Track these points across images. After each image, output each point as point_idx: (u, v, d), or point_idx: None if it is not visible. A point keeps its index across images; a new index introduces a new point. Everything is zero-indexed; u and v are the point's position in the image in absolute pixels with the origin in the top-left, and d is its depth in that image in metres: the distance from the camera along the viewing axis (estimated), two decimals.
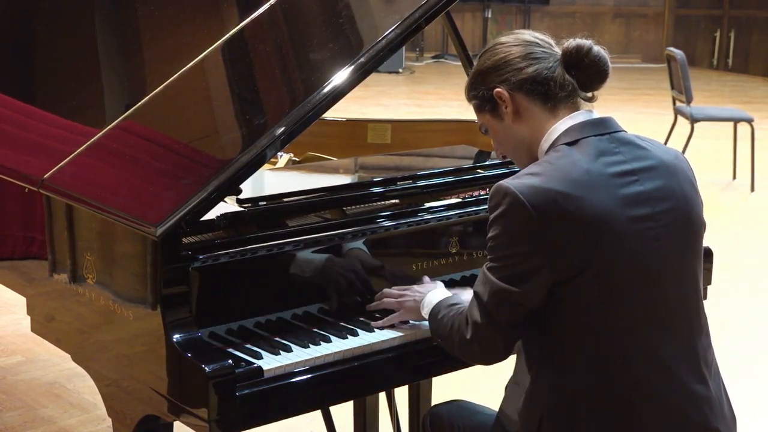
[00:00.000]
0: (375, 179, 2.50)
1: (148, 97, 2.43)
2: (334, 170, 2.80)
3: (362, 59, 2.20)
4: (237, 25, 2.52)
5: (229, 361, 1.95)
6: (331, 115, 2.81)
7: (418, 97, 11.61)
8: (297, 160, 2.92)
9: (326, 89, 2.15)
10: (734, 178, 7.81)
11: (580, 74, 1.97)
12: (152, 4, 2.83)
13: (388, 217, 2.36)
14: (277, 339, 2.13)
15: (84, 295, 2.23)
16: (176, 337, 1.99)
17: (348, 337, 2.17)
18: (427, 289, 2.21)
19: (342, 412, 2.86)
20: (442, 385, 2.94)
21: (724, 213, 6.83)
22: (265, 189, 2.49)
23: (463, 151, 3.02)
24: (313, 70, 2.32)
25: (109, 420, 2.26)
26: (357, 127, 3.33)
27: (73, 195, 2.24)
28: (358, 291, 2.30)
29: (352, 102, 9.79)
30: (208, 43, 2.49)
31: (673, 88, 7.87)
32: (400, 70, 13.55)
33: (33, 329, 2.50)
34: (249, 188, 2.24)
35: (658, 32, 15.87)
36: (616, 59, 15.07)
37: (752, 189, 7.50)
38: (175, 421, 2.08)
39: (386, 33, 2.24)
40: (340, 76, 2.18)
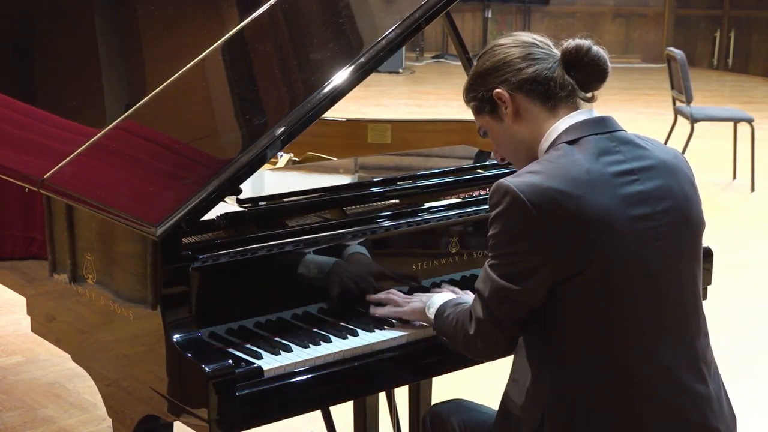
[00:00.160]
0: (375, 179, 2.50)
1: (148, 97, 2.43)
2: (334, 170, 2.80)
3: (362, 59, 2.21)
4: (237, 25, 2.52)
5: (229, 361, 1.95)
6: (331, 115, 2.81)
7: (418, 97, 11.61)
8: (297, 160, 2.92)
9: (326, 89, 2.15)
10: (734, 178, 7.81)
11: (580, 74, 1.97)
12: (152, 4, 2.83)
13: (388, 217, 2.36)
14: (277, 339, 2.13)
15: (84, 295, 2.23)
16: (176, 337, 1.99)
17: (348, 337, 2.17)
18: (431, 294, 2.23)
19: (342, 412, 2.86)
20: (442, 385, 2.94)
21: (724, 213, 6.83)
22: (265, 189, 2.49)
23: (463, 151, 3.02)
24: (313, 70, 2.32)
25: (109, 420, 2.26)
26: (357, 127, 3.33)
27: (73, 195, 2.24)
28: (359, 291, 2.30)
29: (352, 102, 9.79)
30: (208, 43, 2.49)
31: (673, 88, 7.87)
32: (400, 70, 13.55)
33: (33, 329, 2.50)
34: (249, 188, 2.24)
35: (658, 32, 15.87)
36: (616, 59, 15.10)
37: (752, 189, 7.50)
38: (175, 421, 2.08)
39: (386, 33, 2.24)
40: (340, 76, 2.18)
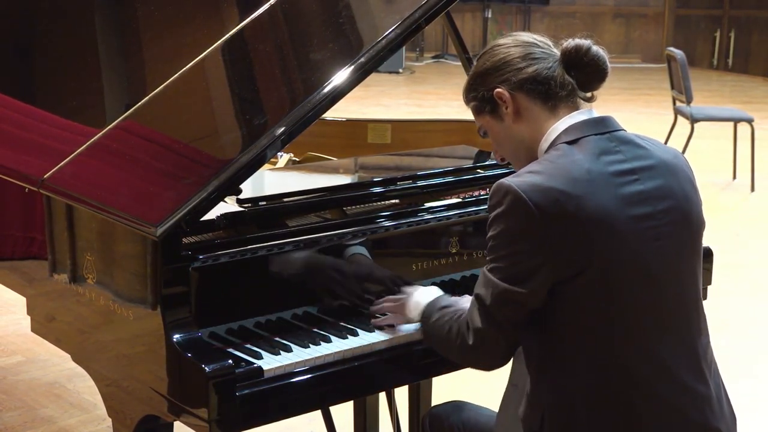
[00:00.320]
0: (375, 179, 2.50)
1: (148, 97, 2.43)
2: (334, 170, 2.80)
3: (362, 59, 2.20)
4: (237, 25, 2.52)
5: (229, 361, 1.95)
6: (331, 115, 2.81)
7: (418, 97, 11.61)
8: (297, 160, 2.92)
9: (326, 89, 2.15)
10: (734, 178, 7.81)
11: (580, 74, 1.97)
12: (152, 4, 2.83)
13: (388, 217, 2.36)
14: (277, 339, 2.13)
15: (84, 295, 2.23)
16: (176, 337, 1.99)
17: (348, 337, 2.17)
18: (413, 288, 2.19)
19: (342, 412, 2.86)
20: (442, 386, 2.94)
21: (724, 213, 6.83)
22: (265, 189, 2.49)
23: (463, 151, 3.02)
24: (313, 70, 2.32)
25: (109, 420, 2.26)
26: (357, 127, 3.33)
27: (73, 195, 2.24)
28: (359, 291, 2.30)
29: (352, 102, 9.79)
30: (208, 43, 2.49)
31: (673, 88, 7.87)
32: (400, 70, 13.55)
33: (33, 329, 2.50)
34: (249, 188, 2.24)
35: (658, 32, 15.87)
36: (616, 59, 15.11)
37: (752, 189, 7.50)
38: (175, 421, 2.08)
39: (386, 33, 2.24)
40: (340, 76, 2.18)
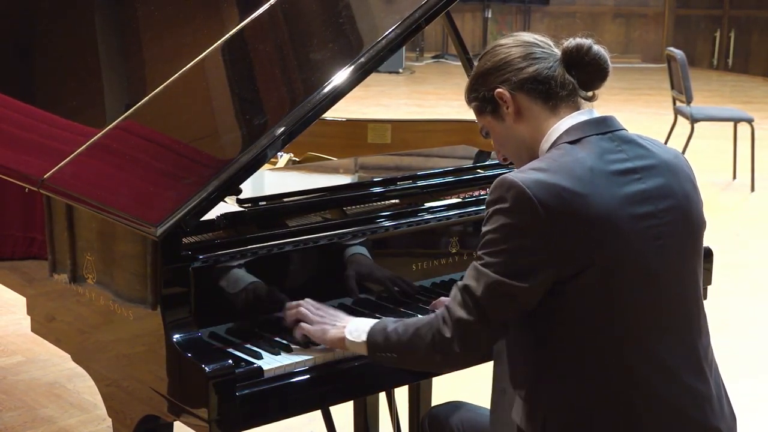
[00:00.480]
0: (375, 179, 2.50)
1: (148, 97, 2.43)
2: (334, 170, 2.79)
3: (362, 59, 2.20)
4: (237, 25, 2.52)
5: (229, 361, 1.95)
6: (331, 115, 2.81)
7: (418, 97, 11.62)
8: (297, 160, 2.92)
9: (326, 89, 2.15)
10: (734, 178, 7.81)
11: (581, 73, 1.97)
12: (152, 4, 2.83)
13: (388, 217, 2.36)
14: (277, 339, 2.13)
15: (84, 295, 2.23)
16: (176, 337, 1.99)
17: None
18: (348, 316, 2.10)
19: (342, 412, 2.86)
20: (442, 386, 2.94)
21: (724, 213, 6.83)
22: (265, 189, 2.49)
23: (463, 151, 3.02)
24: (313, 70, 2.31)
25: (109, 420, 2.26)
26: (357, 127, 3.33)
27: (73, 195, 2.24)
28: (358, 291, 2.30)
29: (352, 102, 9.79)
30: (208, 43, 2.49)
31: (673, 88, 7.87)
32: (400, 70, 13.56)
33: (33, 329, 2.50)
34: (249, 188, 2.24)
35: (658, 32, 15.87)
36: (616, 59, 14.98)
37: (752, 189, 7.50)
38: (175, 421, 2.08)
39: (386, 33, 2.24)
40: (340, 76, 2.18)
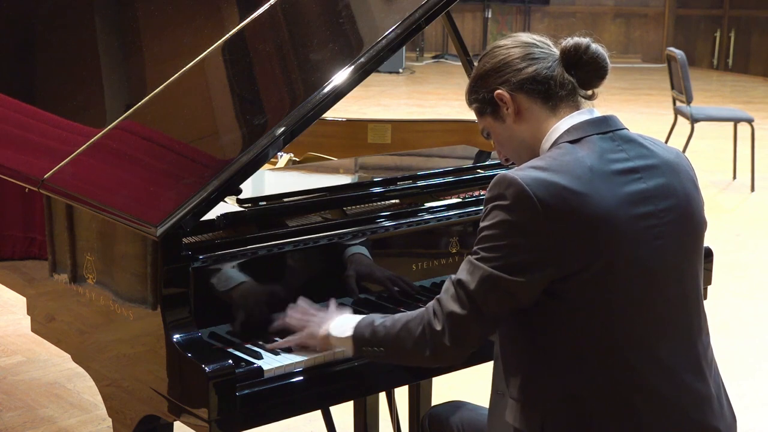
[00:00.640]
0: (375, 179, 2.50)
1: (148, 97, 2.43)
2: (334, 170, 2.80)
3: (362, 59, 2.20)
4: (237, 25, 2.53)
5: (230, 362, 1.95)
6: (331, 115, 2.81)
7: (419, 97, 11.62)
8: (297, 160, 2.93)
9: (326, 89, 2.15)
10: (734, 178, 7.81)
11: (580, 72, 1.97)
12: (152, 5, 2.83)
13: (388, 217, 2.36)
14: (277, 339, 2.13)
15: (84, 296, 2.23)
16: (176, 337, 1.99)
17: None
18: (335, 312, 2.10)
19: (342, 412, 2.86)
20: (442, 386, 2.94)
21: (724, 213, 6.83)
22: (265, 189, 2.49)
23: (463, 151, 3.02)
24: (314, 70, 2.32)
25: (109, 420, 2.26)
26: (357, 127, 3.34)
27: (73, 195, 2.24)
28: (358, 291, 2.30)
29: (353, 102, 9.80)
30: (209, 43, 2.49)
31: (673, 88, 7.87)
32: (401, 70, 13.56)
33: (33, 329, 2.50)
34: (249, 188, 2.24)
35: (659, 32, 15.88)
36: (616, 59, 15.10)
37: (752, 189, 7.50)
38: (175, 421, 2.08)
39: (386, 33, 2.24)
40: (341, 76, 2.18)
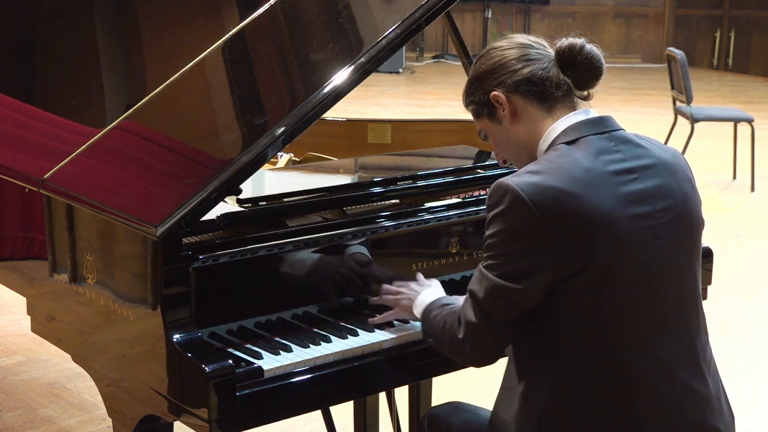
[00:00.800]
0: (375, 179, 2.50)
1: (148, 97, 2.43)
2: (334, 170, 2.80)
3: (362, 59, 2.21)
4: (237, 25, 2.53)
5: (230, 361, 1.95)
6: (331, 115, 2.81)
7: (419, 97, 11.61)
8: (297, 160, 2.93)
9: (326, 89, 2.15)
10: (734, 178, 7.81)
11: (575, 73, 1.98)
12: (152, 5, 2.83)
13: (388, 217, 2.36)
14: (277, 339, 2.13)
15: (84, 295, 2.23)
16: (176, 337, 1.99)
17: (348, 337, 2.17)
18: (422, 287, 2.21)
19: (342, 412, 2.86)
20: (442, 386, 2.94)
21: (724, 213, 6.83)
22: (265, 189, 2.49)
23: (463, 151, 3.02)
24: (314, 70, 2.32)
25: (109, 420, 2.26)
26: (357, 127, 3.33)
27: (73, 195, 2.24)
28: (358, 291, 2.30)
29: (353, 102, 9.80)
30: (209, 43, 2.49)
31: (673, 88, 7.87)
32: (401, 70, 13.56)
33: (33, 329, 2.50)
34: (249, 188, 2.24)
35: (659, 32, 15.87)
36: (616, 59, 15.12)
37: (752, 189, 7.50)
38: (175, 421, 2.08)
39: (386, 33, 2.24)
40: (341, 76, 2.18)
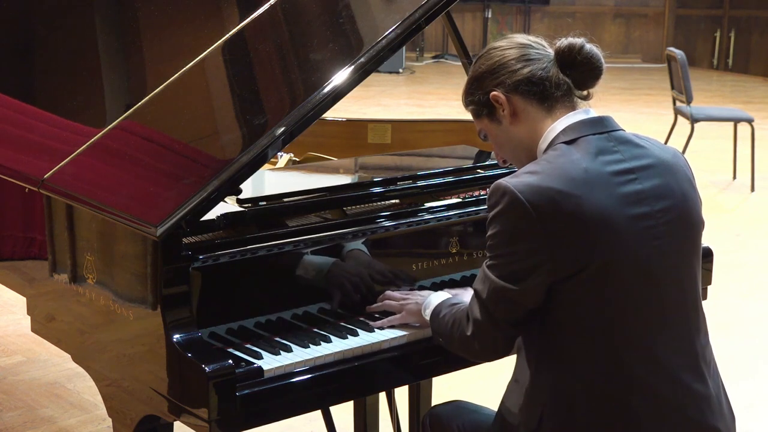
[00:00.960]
0: (375, 179, 2.50)
1: (148, 97, 2.43)
2: (334, 170, 2.80)
3: (362, 59, 2.21)
4: (237, 25, 2.53)
5: (230, 361, 1.95)
6: (331, 115, 2.81)
7: (419, 97, 11.62)
8: (297, 160, 2.93)
9: (326, 89, 2.15)
10: (734, 178, 7.81)
11: (574, 72, 1.98)
12: (152, 5, 2.83)
13: (389, 217, 2.36)
14: (278, 339, 2.14)
15: (84, 295, 2.23)
16: (176, 337, 1.99)
17: (348, 337, 2.17)
18: (428, 293, 2.23)
19: (342, 412, 2.86)
20: (442, 386, 2.94)
21: (724, 213, 6.83)
22: (265, 189, 2.49)
23: (463, 151, 3.02)
24: (314, 70, 2.32)
25: (109, 420, 2.26)
26: (357, 127, 3.34)
27: (73, 195, 2.24)
28: (358, 291, 2.30)
29: (353, 102, 9.80)
30: (209, 43, 2.49)
31: (673, 88, 7.87)
32: (401, 70, 13.56)
33: (33, 329, 2.50)
34: (249, 188, 2.24)
35: (658, 32, 15.87)
36: (616, 59, 15.12)
37: (752, 189, 7.50)
38: (175, 421, 2.08)
39: (386, 33, 2.24)
40: (341, 76, 2.18)
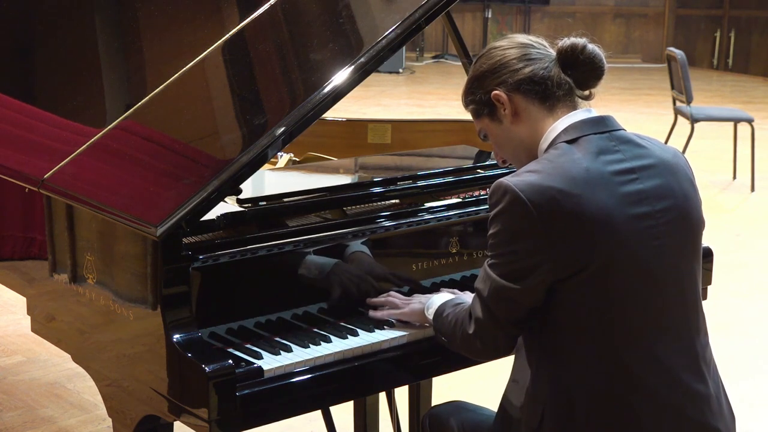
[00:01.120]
0: (375, 179, 2.50)
1: (148, 97, 2.43)
2: (334, 170, 2.80)
3: (362, 59, 2.21)
4: (237, 25, 2.53)
5: (230, 361, 1.95)
6: (331, 115, 2.81)
7: (419, 97, 11.62)
8: (297, 160, 2.93)
9: (326, 89, 2.15)
10: (734, 178, 7.81)
11: (576, 72, 1.98)
12: (152, 4, 2.83)
13: (389, 217, 2.36)
14: (278, 339, 2.14)
15: (84, 295, 2.23)
16: (176, 337, 1.99)
17: (348, 337, 2.17)
18: (432, 294, 2.23)
19: (342, 412, 2.86)
20: (442, 386, 2.94)
21: (724, 213, 6.83)
22: (265, 189, 2.49)
23: (463, 151, 3.02)
24: (314, 70, 2.32)
25: (109, 420, 2.26)
26: (357, 127, 3.34)
27: (73, 195, 2.24)
28: (359, 291, 2.30)
29: (353, 102, 9.80)
30: (209, 43, 2.49)
31: (673, 88, 7.87)
32: (401, 70, 13.56)
33: (33, 329, 2.50)
34: (249, 188, 2.24)
35: (659, 32, 15.88)
36: (617, 59, 15.12)
37: (752, 189, 7.50)
38: (175, 421, 2.08)
39: (386, 33, 2.24)
40: (341, 76, 2.18)
